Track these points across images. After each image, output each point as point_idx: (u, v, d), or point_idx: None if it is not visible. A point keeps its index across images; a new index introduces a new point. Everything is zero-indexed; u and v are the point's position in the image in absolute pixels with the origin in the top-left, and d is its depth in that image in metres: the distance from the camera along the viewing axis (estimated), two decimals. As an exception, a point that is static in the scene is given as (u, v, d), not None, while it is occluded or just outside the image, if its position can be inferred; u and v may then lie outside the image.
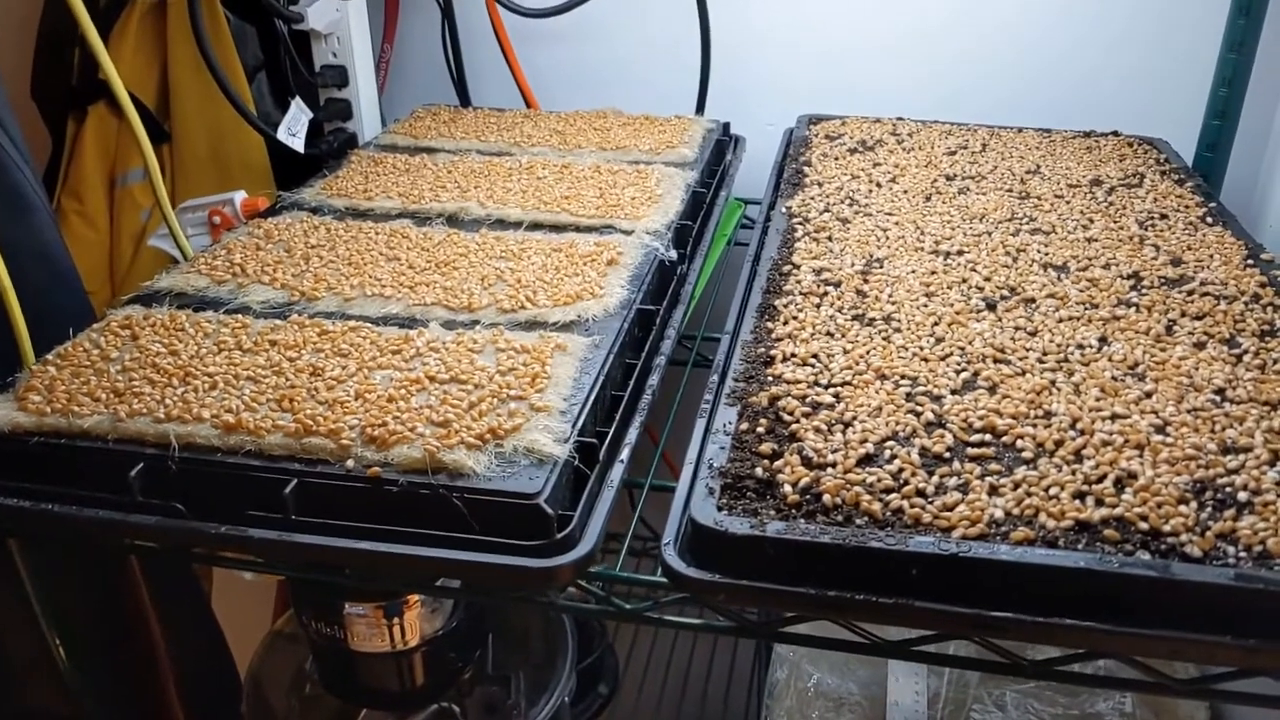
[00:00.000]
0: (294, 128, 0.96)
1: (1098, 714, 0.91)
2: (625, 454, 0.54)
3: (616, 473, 0.52)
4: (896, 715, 0.93)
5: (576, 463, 0.50)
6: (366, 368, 0.55)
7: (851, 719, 0.93)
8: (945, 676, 0.95)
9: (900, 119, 1.03)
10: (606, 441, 0.53)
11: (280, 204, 0.81)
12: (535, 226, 0.77)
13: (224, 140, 1.01)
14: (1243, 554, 0.44)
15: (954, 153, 0.93)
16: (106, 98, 0.98)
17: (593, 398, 0.55)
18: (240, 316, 0.61)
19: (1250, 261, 0.70)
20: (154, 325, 0.59)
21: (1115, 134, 0.98)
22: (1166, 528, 0.45)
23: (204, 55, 0.87)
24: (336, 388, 0.53)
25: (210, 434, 0.49)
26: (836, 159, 0.93)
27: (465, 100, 1.14)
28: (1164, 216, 0.78)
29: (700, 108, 1.10)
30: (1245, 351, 0.59)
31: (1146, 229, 0.76)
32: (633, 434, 0.56)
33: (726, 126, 1.05)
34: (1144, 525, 0.45)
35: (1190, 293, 0.66)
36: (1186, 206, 0.80)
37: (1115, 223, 0.77)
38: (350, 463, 0.47)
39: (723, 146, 1.02)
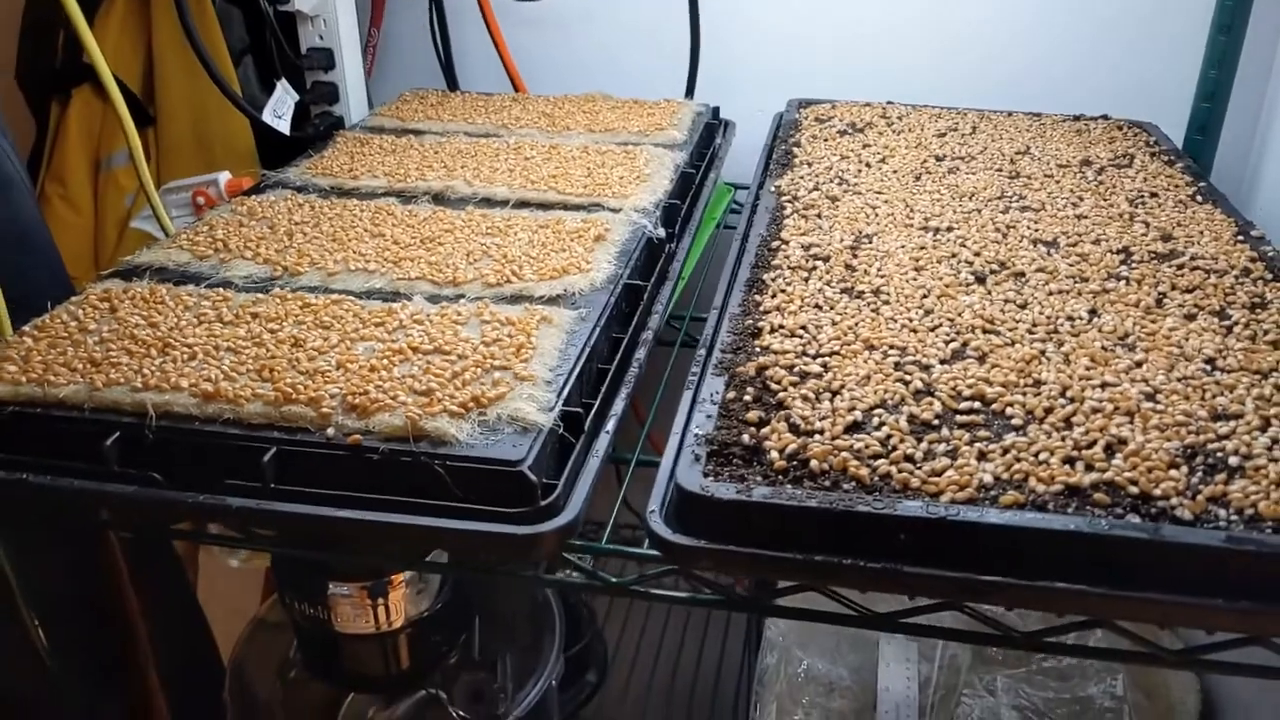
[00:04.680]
0: (279, 110, 0.95)
1: (1089, 698, 0.91)
2: (611, 425, 0.53)
3: (602, 443, 0.51)
4: (887, 700, 0.93)
5: (561, 432, 0.49)
6: (349, 339, 0.54)
7: (842, 704, 0.93)
8: (936, 661, 0.95)
9: (890, 103, 1.03)
10: (592, 413, 0.52)
11: (264, 183, 0.80)
12: (522, 205, 0.76)
13: (209, 123, 1.00)
14: (1234, 517, 0.43)
15: (944, 135, 0.93)
16: (91, 81, 0.97)
17: (578, 369, 0.54)
18: (222, 290, 0.60)
19: (1240, 238, 0.70)
20: (133, 298, 0.58)
21: (1105, 118, 0.98)
22: (1157, 491, 0.44)
23: (189, 36, 0.86)
24: (318, 358, 0.52)
25: (188, 403, 0.48)
26: (826, 140, 0.92)
27: (453, 84, 1.13)
28: (1154, 195, 0.78)
29: (690, 92, 1.10)
30: (1235, 323, 0.58)
31: (1136, 206, 0.76)
32: (619, 406, 0.55)
33: (716, 110, 1.05)
34: (1134, 489, 0.45)
35: (1180, 267, 0.66)
36: (1176, 186, 0.80)
37: (1105, 200, 0.77)
38: (331, 431, 0.47)
39: (712, 130, 1.02)
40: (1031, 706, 0.91)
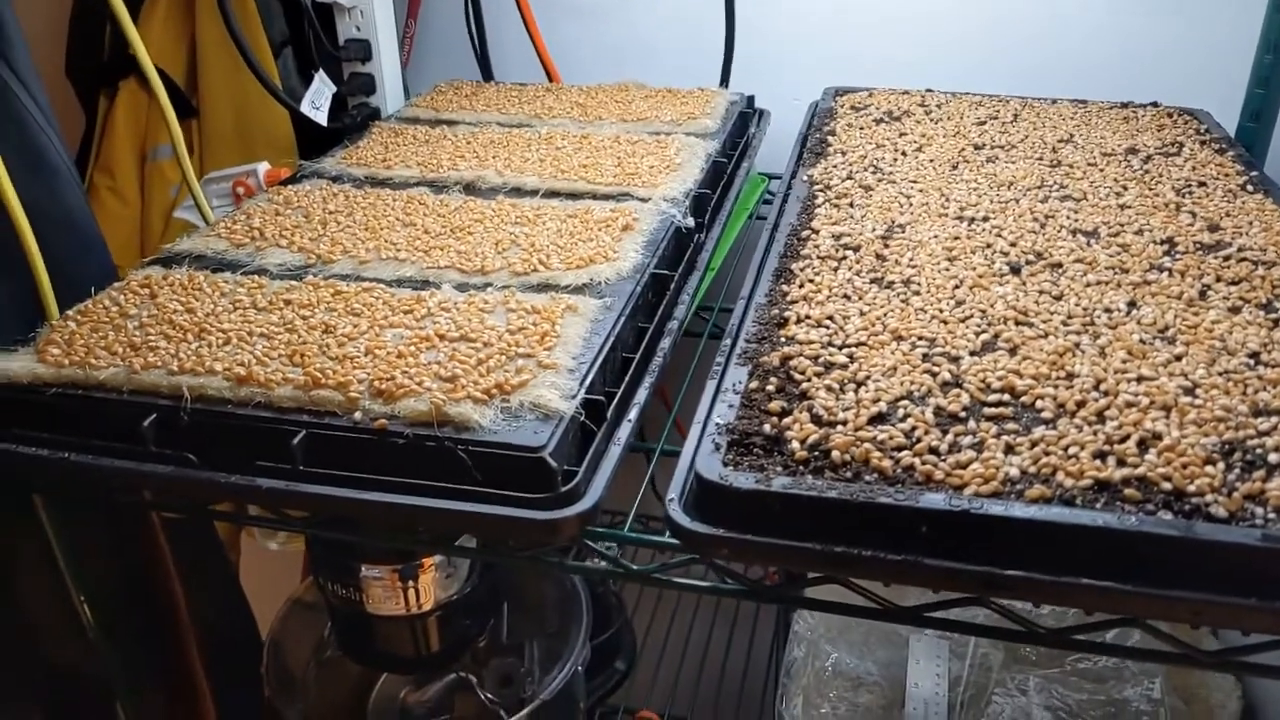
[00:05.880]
0: (317, 101, 0.97)
1: (1125, 700, 0.89)
2: (634, 414, 0.53)
3: (624, 432, 0.51)
4: (916, 697, 0.91)
5: (583, 419, 0.49)
6: (377, 326, 0.55)
7: (869, 699, 0.92)
8: (967, 660, 0.93)
9: (929, 90, 1.01)
10: (615, 401, 0.53)
11: (301, 173, 0.82)
12: (552, 194, 0.77)
13: (250, 115, 1.02)
14: (1271, 515, 0.42)
15: (984, 123, 0.91)
16: (136, 74, 1.00)
17: (602, 357, 0.54)
18: (256, 277, 0.61)
19: (1291, 227, 0.68)
20: (172, 285, 0.60)
21: (1154, 105, 0.95)
22: (1191, 488, 0.43)
23: (229, 28, 0.88)
24: (347, 344, 0.53)
25: (222, 386, 0.49)
26: (862, 129, 0.91)
27: (488, 75, 1.14)
28: (1202, 184, 0.76)
29: (724, 80, 1.09)
30: (1282, 315, 0.57)
31: (1183, 196, 0.74)
32: (642, 394, 0.55)
33: (751, 99, 1.04)
34: (1167, 485, 0.44)
35: (1227, 258, 0.64)
36: (1226, 175, 0.77)
37: (1150, 190, 0.75)
38: (358, 415, 0.47)
39: (746, 119, 1.01)
40: (1065, 707, 0.89)
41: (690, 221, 0.75)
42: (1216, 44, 0.97)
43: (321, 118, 0.97)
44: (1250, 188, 0.75)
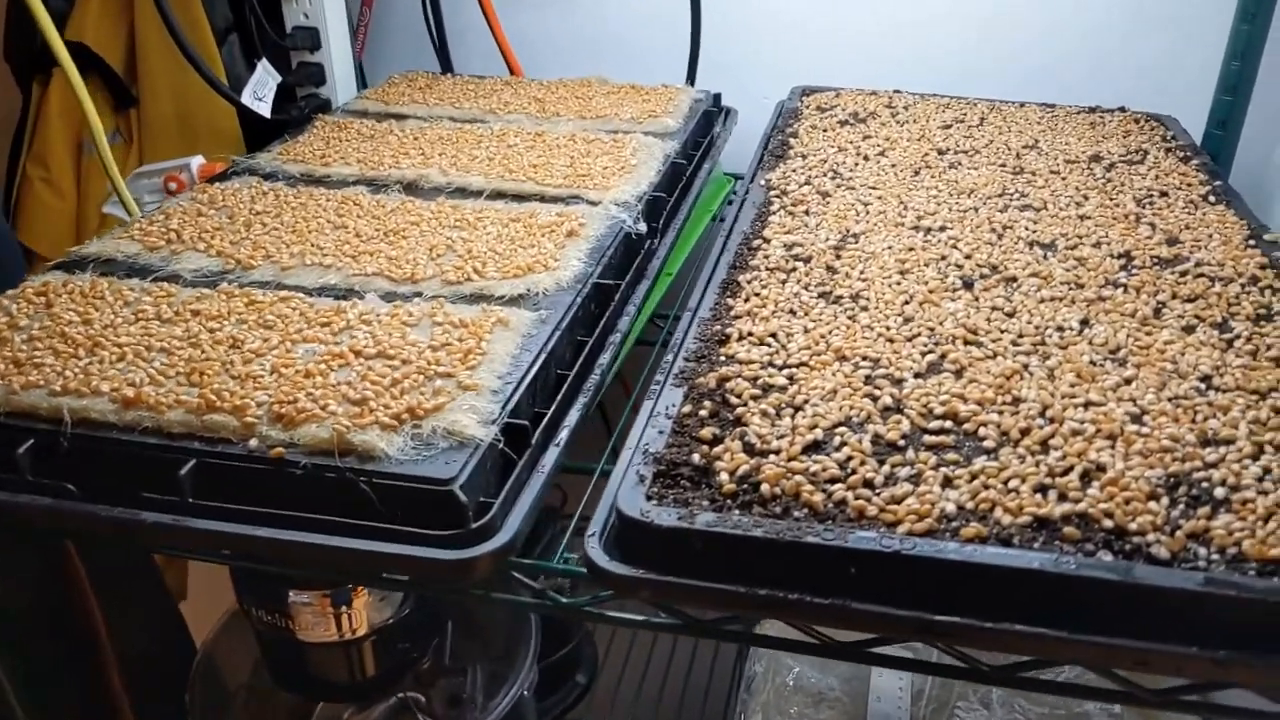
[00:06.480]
0: (260, 92, 0.93)
1: (1086, 714, 0.88)
2: (563, 437, 0.51)
3: (550, 457, 0.49)
4: (878, 711, 0.90)
5: (502, 446, 0.46)
6: (290, 340, 0.52)
7: (831, 715, 0.90)
8: (928, 672, 0.92)
9: (897, 91, 0.98)
10: (542, 425, 0.50)
11: (233, 169, 0.78)
12: (498, 195, 0.74)
13: (193, 105, 0.98)
14: (1215, 556, 0.40)
15: (949, 126, 0.89)
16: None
17: (530, 376, 0.51)
18: (166, 285, 0.58)
19: (1251, 242, 0.66)
20: (71, 293, 0.56)
21: (1122, 110, 0.93)
22: (1133, 526, 0.41)
23: (161, 13, 0.84)
24: (253, 361, 0.50)
25: (107, 409, 0.46)
26: (825, 131, 0.88)
27: (447, 67, 1.10)
28: (1164, 194, 0.74)
29: (691, 78, 1.06)
30: (1237, 336, 0.54)
31: (1144, 207, 0.71)
32: (574, 416, 0.52)
33: (717, 97, 1.01)
34: (1108, 523, 0.41)
35: (1184, 274, 0.62)
36: (1189, 184, 0.75)
37: (1111, 200, 0.73)
38: (253, 442, 0.44)
39: (711, 118, 0.98)
40: (1025, 722, 0.88)
41: (642, 227, 0.72)
42: (1186, 50, 0.95)
43: (265, 109, 0.93)
44: (1212, 198, 0.73)
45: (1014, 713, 0.90)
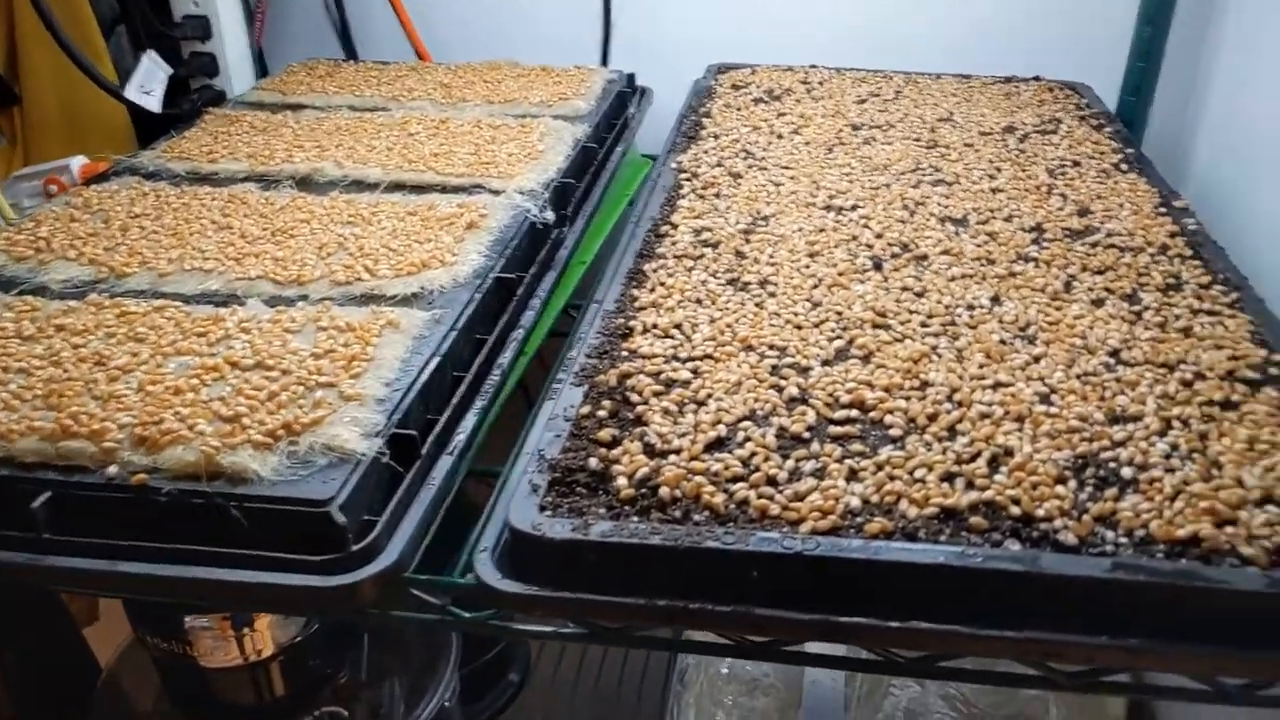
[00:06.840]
0: (148, 85, 0.88)
1: (1015, 690, 0.89)
2: (459, 443, 0.48)
3: (442, 468, 0.46)
4: (813, 694, 0.89)
5: (387, 459, 0.43)
6: (161, 354, 0.48)
7: (766, 701, 0.89)
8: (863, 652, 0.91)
9: (814, 67, 0.97)
10: (434, 433, 0.47)
11: (114, 169, 0.73)
12: (397, 187, 0.70)
13: (79, 102, 0.92)
14: (1123, 539, 0.39)
15: (864, 101, 0.87)
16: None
17: (421, 382, 0.48)
18: (31, 298, 0.54)
19: (1162, 210, 0.65)
20: (-76, 310, 0.52)
21: (1037, 79, 0.93)
22: (1040, 512, 0.40)
23: (35, 6, 0.78)
24: (120, 379, 0.46)
25: (-49, 438, 0.42)
26: (739, 110, 0.86)
27: (351, 53, 1.06)
28: (1076, 164, 0.73)
29: (604, 59, 1.03)
30: (1146, 308, 0.54)
31: (1056, 177, 0.71)
32: (470, 421, 0.50)
33: (631, 78, 0.98)
34: (1015, 510, 0.40)
35: (1094, 245, 0.61)
36: (1102, 153, 0.75)
37: (1024, 171, 0.72)
38: (113, 469, 0.41)
39: (625, 99, 0.95)
40: (960, 697, 0.88)
41: (549, 215, 0.70)
42: (1101, 17, 0.94)
43: (153, 104, 0.88)
44: (1124, 166, 0.73)
45: (946, 688, 0.90)
